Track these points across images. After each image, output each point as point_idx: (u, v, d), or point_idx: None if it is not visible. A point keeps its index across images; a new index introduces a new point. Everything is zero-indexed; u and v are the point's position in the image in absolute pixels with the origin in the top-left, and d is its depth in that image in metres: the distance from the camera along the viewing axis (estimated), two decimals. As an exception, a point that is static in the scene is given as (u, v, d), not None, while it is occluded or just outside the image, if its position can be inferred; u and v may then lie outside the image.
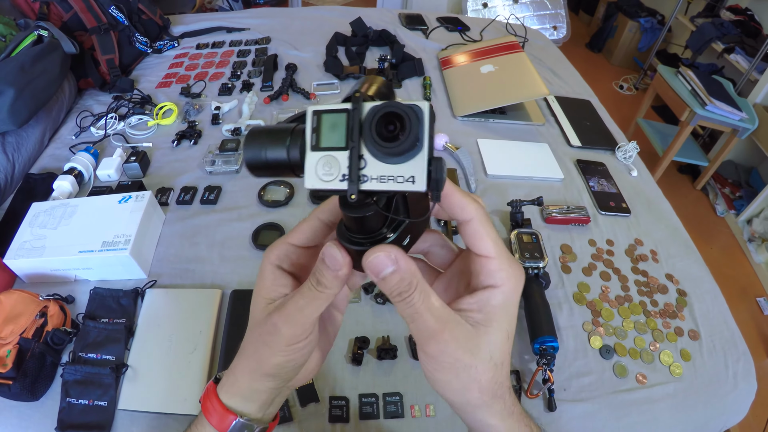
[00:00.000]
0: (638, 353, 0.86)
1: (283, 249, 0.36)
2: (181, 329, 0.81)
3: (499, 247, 0.32)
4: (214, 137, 1.26)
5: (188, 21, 1.87)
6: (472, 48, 1.62)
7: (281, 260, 0.36)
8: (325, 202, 0.35)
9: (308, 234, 0.36)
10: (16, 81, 1.07)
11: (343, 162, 0.27)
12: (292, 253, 0.36)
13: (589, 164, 1.27)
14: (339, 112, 0.27)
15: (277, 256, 0.36)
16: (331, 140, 0.28)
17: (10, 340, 0.74)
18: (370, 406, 0.74)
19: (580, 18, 4.58)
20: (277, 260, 0.36)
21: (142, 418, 0.72)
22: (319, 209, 0.35)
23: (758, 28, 2.83)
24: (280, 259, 0.36)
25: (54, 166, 1.16)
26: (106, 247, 0.85)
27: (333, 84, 1.48)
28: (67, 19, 1.38)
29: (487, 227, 0.32)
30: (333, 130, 0.28)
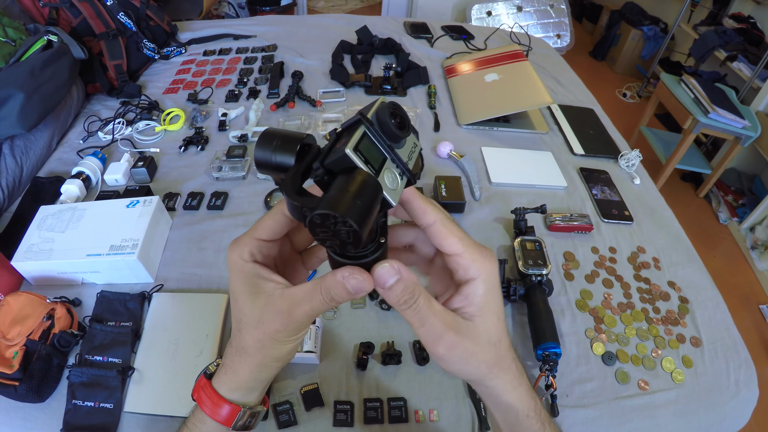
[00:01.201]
0: (640, 360, 0.87)
1: (254, 245, 0.37)
2: (188, 333, 0.82)
3: (465, 242, 0.36)
4: (221, 143, 1.27)
5: (195, 28, 1.89)
6: (477, 57, 1.63)
7: (254, 255, 0.37)
8: None
9: (275, 229, 0.37)
10: (26, 85, 1.08)
11: (391, 166, 0.32)
12: (263, 248, 0.38)
13: (592, 172, 1.27)
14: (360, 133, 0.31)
15: (250, 252, 0.37)
16: (377, 159, 0.31)
17: (16, 342, 0.75)
18: (374, 410, 0.74)
19: (584, 26, 4.59)
20: (250, 256, 0.37)
21: (148, 420, 0.73)
22: (284, 205, 0.37)
23: (761, 36, 2.84)
24: (252, 254, 0.37)
25: (62, 170, 1.17)
26: (114, 251, 0.86)
27: (339, 92, 1.50)
28: (76, 25, 1.40)
29: (450, 226, 0.36)
30: (369, 151, 0.31)
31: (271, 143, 0.33)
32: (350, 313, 0.88)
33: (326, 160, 0.30)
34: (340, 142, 0.31)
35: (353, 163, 0.30)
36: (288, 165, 0.33)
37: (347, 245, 0.29)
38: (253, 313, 0.36)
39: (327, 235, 0.29)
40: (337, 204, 0.27)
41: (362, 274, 0.33)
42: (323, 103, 1.44)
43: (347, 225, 0.27)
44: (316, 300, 0.34)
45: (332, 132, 0.33)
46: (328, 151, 0.31)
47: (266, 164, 0.33)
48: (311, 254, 0.43)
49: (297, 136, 0.33)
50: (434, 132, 1.39)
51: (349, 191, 0.28)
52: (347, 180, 0.29)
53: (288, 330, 0.36)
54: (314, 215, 0.28)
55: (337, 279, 0.33)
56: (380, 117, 0.31)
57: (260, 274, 0.37)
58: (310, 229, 0.29)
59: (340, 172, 0.30)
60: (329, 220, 0.27)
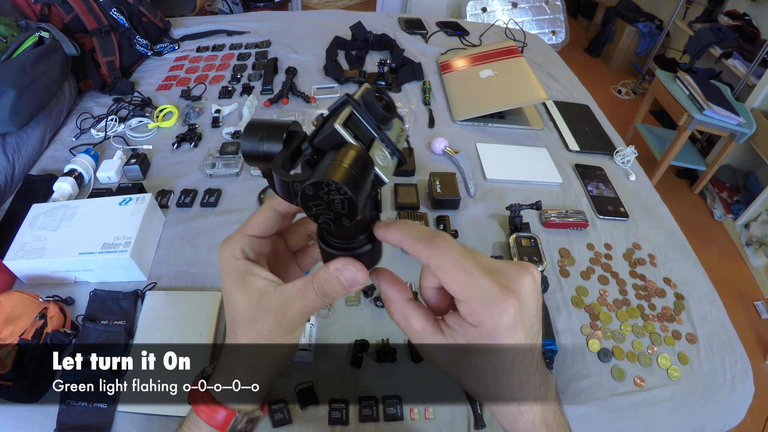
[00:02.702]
0: (636, 356, 0.87)
1: (245, 242, 0.37)
2: (181, 331, 0.81)
3: (473, 288, 0.30)
4: (215, 140, 1.26)
5: (188, 24, 1.88)
6: (472, 53, 1.63)
7: (245, 252, 0.37)
8: None
9: (265, 225, 0.37)
10: (17, 82, 1.07)
11: (380, 145, 0.31)
12: (254, 244, 0.37)
13: (587, 169, 1.27)
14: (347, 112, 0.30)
15: (241, 249, 0.36)
16: (366, 138, 0.31)
17: (9, 341, 0.74)
18: (369, 408, 0.74)
19: (579, 23, 4.59)
20: (242, 253, 0.36)
21: (142, 420, 0.72)
22: (275, 200, 0.37)
23: (756, 33, 2.84)
24: (243, 251, 0.37)
25: (54, 168, 1.16)
26: (107, 249, 0.85)
27: (333, 88, 1.49)
28: (68, 21, 1.38)
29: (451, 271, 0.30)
30: (358, 129, 0.31)
31: (256, 133, 0.33)
32: (345, 310, 0.88)
33: (315, 140, 0.30)
34: (328, 123, 0.30)
35: (343, 138, 0.29)
36: (274, 153, 0.32)
37: (342, 217, 0.28)
38: (246, 311, 0.36)
39: (320, 208, 0.28)
40: (330, 172, 0.27)
41: (356, 264, 0.32)
42: (317, 99, 1.44)
43: (341, 192, 0.27)
44: (309, 296, 0.33)
45: (319, 117, 0.33)
46: (317, 132, 0.31)
47: (254, 154, 0.33)
48: (305, 254, 0.43)
49: (283, 124, 0.33)
50: (429, 128, 1.38)
51: (342, 161, 0.28)
52: (338, 153, 0.28)
53: (282, 329, 0.35)
54: (306, 185, 0.27)
55: (330, 272, 0.32)
56: (366, 99, 0.31)
57: (252, 271, 0.36)
58: (302, 204, 0.28)
59: (329, 150, 0.30)
60: (322, 190, 0.27)
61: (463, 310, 0.30)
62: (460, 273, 0.30)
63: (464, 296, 0.30)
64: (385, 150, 0.32)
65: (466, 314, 0.30)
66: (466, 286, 0.29)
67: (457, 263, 0.30)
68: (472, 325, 0.30)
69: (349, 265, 0.32)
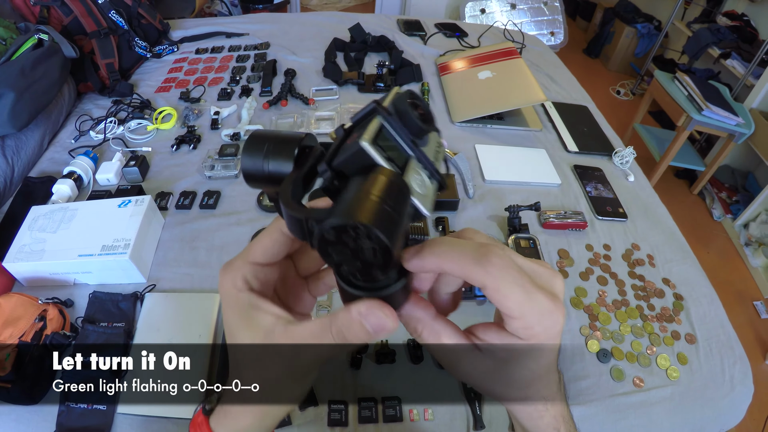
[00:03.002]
0: (635, 357, 0.87)
1: (248, 270, 0.32)
2: (181, 333, 0.81)
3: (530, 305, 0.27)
4: (214, 142, 1.26)
5: (187, 26, 1.88)
6: (470, 54, 1.63)
7: (249, 282, 0.32)
8: None
9: (272, 250, 0.32)
10: (17, 84, 1.07)
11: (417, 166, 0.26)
12: (259, 273, 0.32)
13: (586, 169, 1.27)
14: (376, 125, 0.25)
15: (244, 279, 0.32)
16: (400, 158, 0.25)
17: (9, 344, 0.74)
18: (368, 410, 0.74)
19: (577, 24, 4.60)
20: (245, 284, 0.31)
21: (141, 422, 0.72)
22: (282, 221, 0.31)
23: (754, 34, 2.84)
24: (247, 281, 0.32)
25: (53, 170, 1.16)
26: (106, 251, 0.85)
27: (332, 89, 1.49)
28: (67, 23, 1.39)
29: (510, 291, 0.27)
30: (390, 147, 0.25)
31: (260, 148, 0.27)
32: (345, 311, 0.88)
33: (335, 160, 0.25)
34: (351, 138, 0.25)
35: (372, 160, 0.23)
36: (285, 174, 0.27)
37: (372, 268, 0.22)
38: (250, 352, 0.31)
39: (344, 256, 0.22)
40: (359, 211, 0.21)
41: (384, 308, 0.26)
42: (316, 101, 1.44)
43: (374, 238, 0.21)
44: (326, 342, 0.28)
45: (339, 129, 0.27)
46: (336, 149, 0.25)
47: (257, 175, 0.27)
48: (318, 280, 0.37)
49: (293, 138, 0.27)
50: (428, 130, 1.38)
51: (372, 194, 0.21)
52: (367, 181, 0.22)
53: (292, 376, 0.31)
54: (326, 228, 0.21)
55: (353, 317, 0.27)
56: (399, 107, 0.25)
57: (257, 306, 0.31)
58: (319, 249, 0.22)
59: (354, 174, 0.24)
60: (347, 235, 0.21)
61: (514, 325, 0.28)
62: (518, 292, 0.27)
63: (520, 314, 0.27)
64: (422, 173, 0.26)
65: (518, 329, 0.28)
66: (524, 305, 0.27)
67: (516, 282, 0.27)
68: (522, 339, 0.28)
69: (376, 310, 0.27)
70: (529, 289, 0.27)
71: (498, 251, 0.27)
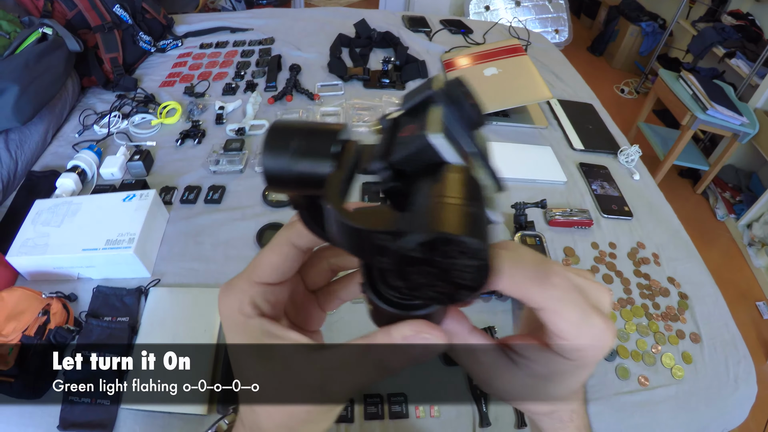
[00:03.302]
0: (640, 355, 0.87)
1: (256, 292, 0.27)
2: (185, 328, 0.81)
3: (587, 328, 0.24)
4: (218, 137, 1.26)
5: (192, 21, 1.87)
6: (476, 51, 1.62)
7: (258, 306, 0.27)
8: (298, 221, 0.26)
9: (282, 267, 0.27)
10: (21, 78, 1.07)
11: (478, 166, 0.22)
12: (269, 294, 0.28)
13: (591, 167, 1.27)
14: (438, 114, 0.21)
15: (252, 302, 0.27)
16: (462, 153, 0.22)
17: (12, 338, 0.74)
18: (374, 406, 0.74)
19: (582, 21, 4.58)
20: (253, 309, 0.27)
21: (145, 417, 0.72)
22: (294, 232, 0.27)
23: (759, 33, 2.83)
24: (255, 305, 0.27)
25: (57, 164, 1.16)
26: (110, 246, 0.85)
27: (337, 85, 1.49)
28: (71, 17, 1.38)
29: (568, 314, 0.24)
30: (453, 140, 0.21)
31: (285, 143, 0.22)
32: (350, 308, 0.87)
33: (393, 156, 0.21)
34: (406, 130, 0.21)
35: (442, 156, 0.20)
36: (318, 176, 0.22)
37: (461, 291, 0.18)
38: (268, 386, 0.26)
39: (429, 277, 0.18)
40: (453, 219, 0.17)
41: (432, 330, 0.23)
42: (321, 97, 1.43)
43: (475, 255, 0.17)
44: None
45: (384, 119, 0.23)
46: (388, 143, 0.22)
47: (283, 177, 0.22)
48: (330, 293, 0.32)
49: (328, 129, 0.23)
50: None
51: (463, 200, 0.18)
52: (447, 183, 0.19)
53: (322, 409, 0.26)
54: (412, 245, 0.17)
55: (395, 340, 0.23)
56: (453, 95, 0.21)
57: (271, 332, 0.26)
58: (396, 271, 0.18)
59: (417, 172, 0.21)
60: (439, 252, 0.17)
61: (565, 347, 0.25)
62: (577, 315, 0.24)
63: (575, 337, 0.25)
64: (482, 173, 0.22)
65: (568, 351, 0.25)
66: (580, 329, 0.24)
67: (576, 304, 0.24)
68: (569, 359, 0.26)
69: (425, 333, 0.23)
70: (587, 312, 0.24)
71: (558, 269, 0.24)
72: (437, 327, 0.23)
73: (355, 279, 0.31)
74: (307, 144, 0.22)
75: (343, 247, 0.21)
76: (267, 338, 0.26)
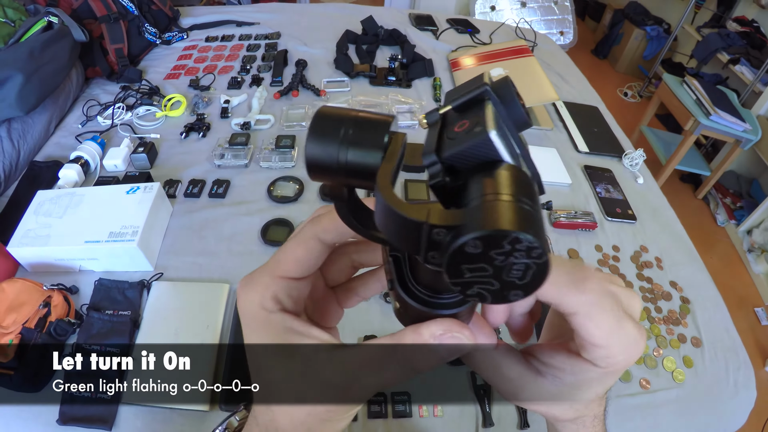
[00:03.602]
0: (642, 359, 0.87)
1: (280, 287, 0.27)
2: (188, 323, 0.80)
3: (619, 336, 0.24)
4: (224, 131, 1.25)
5: (197, 13, 1.87)
6: (482, 51, 1.62)
7: (280, 302, 0.27)
8: (324, 216, 0.26)
9: (308, 262, 0.27)
10: (25, 67, 1.06)
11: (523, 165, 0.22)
12: (291, 289, 0.27)
13: (596, 170, 1.27)
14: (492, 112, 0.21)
15: (274, 297, 0.26)
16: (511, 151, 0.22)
17: (12, 330, 0.74)
18: (378, 405, 0.74)
19: (587, 24, 4.58)
20: (275, 304, 0.26)
21: (146, 411, 0.72)
22: (320, 226, 0.26)
23: (764, 40, 2.83)
24: (278, 300, 0.26)
25: (59, 155, 1.15)
26: (113, 238, 0.84)
27: (343, 81, 1.48)
28: (77, 7, 1.37)
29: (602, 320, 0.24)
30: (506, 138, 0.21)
31: (336, 130, 0.21)
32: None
33: (446, 151, 0.20)
34: (459, 126, 0.21)
35: (498, 155, 0.20)
36: (369, 166, 0.21)
37: (512, 290, 0.18)
38: (288, 384, 0.26)
39: (482, 275, 0.18)
40: (514, 217, 0.17)
41: (462, 329, 0.23)
42: (328, 93, 1.43)
43: (532, 253, 0.17)
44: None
45: (433, 113, 0.23)
46: (439, 139, 0.21)
47: (328, 165, 0.21)
48: (350, 290, 0.32)
49: (381, 120, 0.22)
50: (438, 125, 1.37)
51: (521, 198, 0.18)
52: (501, 180, 0.18)
53: (344, 408, 0.26)
54: (470, 240, 0.17)
55: (425, 339, 0.23)
56: (504, 95, 0.22)
57: (293, 329, 0.26)
58: (449, 267, 0.18)
59: (470, 170, 0.20)
60: (498, 248, 0.17)
61: (597, 353, 0.25)
62: (611, 322, 0.24)
63: (608, 343, 0.24)
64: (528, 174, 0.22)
65: (599, 358, 0.25)
66: (613, 335, 0.24)
67: (611, 310, 0.24)
68: (600, 366, 0.25)
69: (455, 332, 0.23)
70: (621, 318, 0.24)
71: (592, 274, 0.24)
72: (467, 326, 0.23)
73: (376, 276, 0.31)
74: (360, 133, 0.21)
75: (391, 240, 0.21)
76: (289, 334, 0.26)
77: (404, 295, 0.23)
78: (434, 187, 0.21)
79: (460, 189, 0.20)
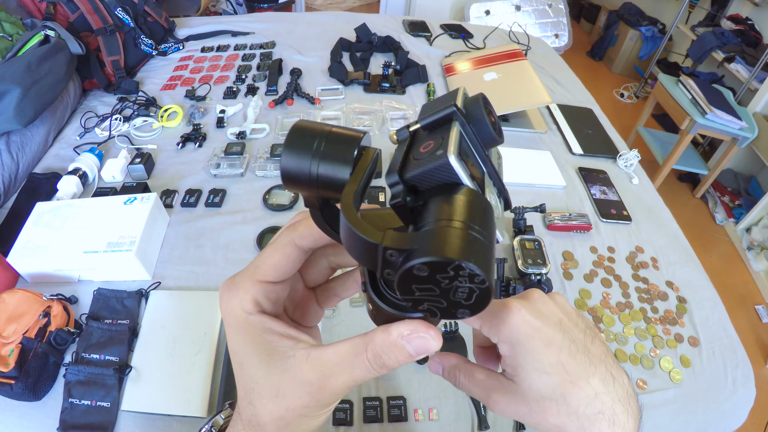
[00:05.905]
0: (639, 359, 0.87)
1: (258, 290, 0.28)
2: (186, 331, 0.81)
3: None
4: (219, 140, 1.26)
5: (193, 24, 1.88)
6: (476, 55, 1.63)
7: (259, 304, 0.28)
8: (301, 222, 0.28)
9: (285, 267, 0.29)
10: (23, 80, 1.07)
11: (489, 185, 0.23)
12: (270, 292, 0.29)
13: (590, 172, 1.27)
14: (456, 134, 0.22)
15: (254, 300, 0.28)
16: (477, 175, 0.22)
17: (12, 340, 0.75)
18: (373, 409, 0.74)
19: (582, 26, 4.60)
20: (255, 306, 0.28)
21: (145, 419, 0.72)
22: (297, 233, 0.28)
23: (758, 38, 2.85)
24: (257, 303, 0.28)
25: (58, 167, 1.16)
26: (111, 248, 0.85)
27: (338, 89, 1.49)
28: (73, 20, 1.39)
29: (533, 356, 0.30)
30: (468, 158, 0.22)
31: (309, 145, 0.22)
32: (349, 311, 0.88)
33: (408, 172, 0.21)
34: (424, 146, 0.22)
35: (458, 178, 0.20)
36: (337, 180, 0.22)
37: (460, 309, 0.20)
38: (268, 382, 0.27)
39: (430, 293, 0.19)
40: (464, 249, 0.18)
41: (429, 329, 0.24)
42: (322, 101, 1.44)
43: (476, 280, 0.18)
44: (359, 368, 0.26)
45: (403, 130, 0.24)
46: (405, 158, 0.22)
47: (300, 178, 0.23)
48: (328, 291, 0.34)
49: (352, 136, 0.23)
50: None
51: (472, 225, 0.19)
52: (455, 205, 0.19)
53: (319, 404, 0.27)
54: (417, 264, 0.18)
55: (394, 339, 0.24)
56: (473, 112, 0.22)
57: (272, 329, 0.28)
58: (399, 285, 0.19)
59: (430, 191, 0.21)
60: (443, 273, 0.18)
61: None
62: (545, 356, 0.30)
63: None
64: (493, 192, 0.23)
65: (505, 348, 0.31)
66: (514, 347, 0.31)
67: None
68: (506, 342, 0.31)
69: (422, 332, 0.24)
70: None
71: (516, 303, 0.29)
72: (433, 327, 0.25)
73: (353, 277, 0.33)
74: (330, 149, 0.22)
75: (352, 256, 0.22)
76: (268, 335, 0.27)
77: (375, 298, 0.25)
78: (395, 207, 0.22)
79: (420, 208, 0.21)
